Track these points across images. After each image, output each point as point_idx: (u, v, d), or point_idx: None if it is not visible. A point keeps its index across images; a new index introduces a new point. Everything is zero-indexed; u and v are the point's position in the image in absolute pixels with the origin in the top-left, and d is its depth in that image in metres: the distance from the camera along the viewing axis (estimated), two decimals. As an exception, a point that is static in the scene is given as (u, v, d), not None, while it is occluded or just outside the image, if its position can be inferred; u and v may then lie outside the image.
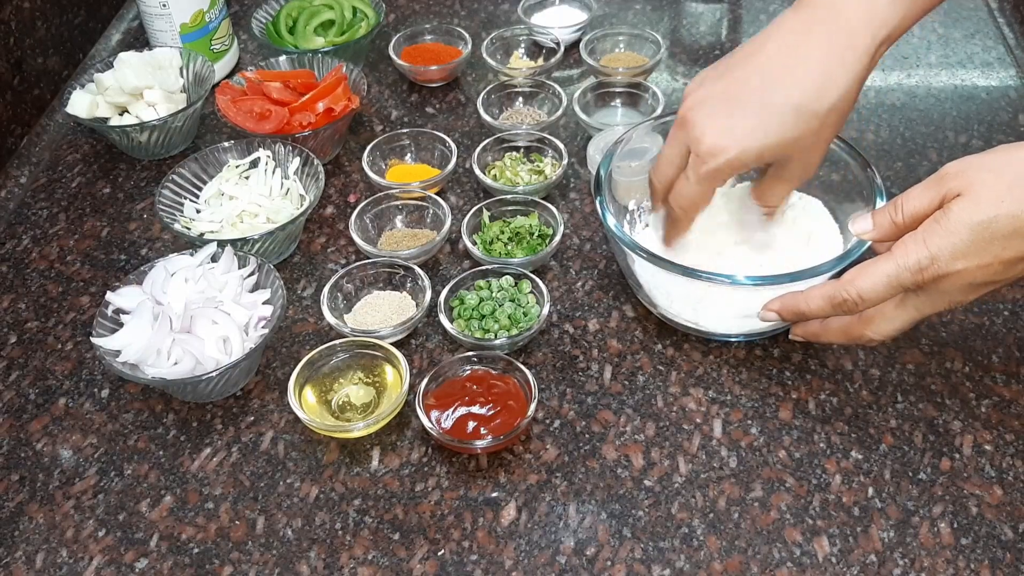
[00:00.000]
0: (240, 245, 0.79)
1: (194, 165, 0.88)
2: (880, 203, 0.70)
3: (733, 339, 0.75)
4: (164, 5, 0.99)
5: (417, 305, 0.78)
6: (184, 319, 0.71)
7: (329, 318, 0.76)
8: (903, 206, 0.60)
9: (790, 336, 0.70)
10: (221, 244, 0.77)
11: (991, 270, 0.57)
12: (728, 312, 0.71)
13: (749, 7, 1.16)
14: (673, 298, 0.73)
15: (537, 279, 0.77)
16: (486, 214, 0.85)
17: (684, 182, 0.67)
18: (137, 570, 0.64)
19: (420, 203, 0.86)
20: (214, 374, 0.68)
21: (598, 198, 0.74)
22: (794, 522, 0.64)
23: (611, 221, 0.72)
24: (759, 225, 0.75)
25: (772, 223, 0.75)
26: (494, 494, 0.66)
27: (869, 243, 0.66)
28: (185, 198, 0.86)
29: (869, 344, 0.66)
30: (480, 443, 0.66)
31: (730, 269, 0.68)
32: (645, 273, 0.73)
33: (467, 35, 1.06)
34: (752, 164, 0.65)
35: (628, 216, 0.81)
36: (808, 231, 0.76)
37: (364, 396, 0.72)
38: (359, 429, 0.69)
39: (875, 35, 0.62)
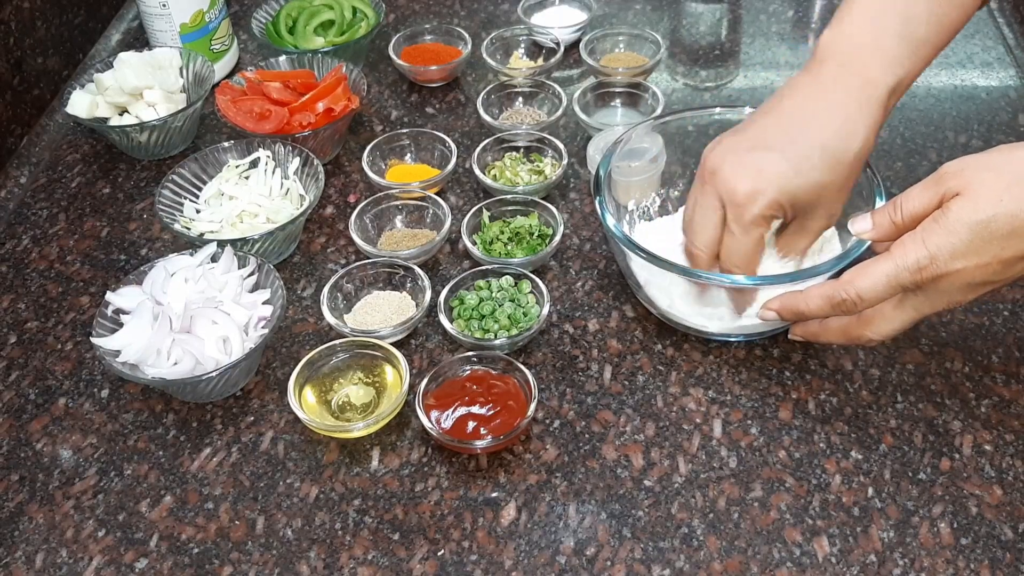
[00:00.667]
0: (240, 245, 0.79)
1: (194, 165, 0.88)
2: (880, 203, 0.70)
3: (733, 339, 0.75)
4: (164, 5, 0.99)
5: (417, 305, 0.78)
6: (184, 319, 0.71)
7: (329, 318, 0.76)
8: (902, 206, 0.60)
9: (789, 336, 0.70)
10: (221, 244, 0.77)
11: (990, 269, 0.57)
12: (728, 312, 0.71)
13: (749, 7, 1.16)
14: (673, 298, 0.73)
15: (537, 279, 0.77)
16: (486, 214, 0.85)
17: (731, 239, 0.67)
18: (137, 570, 0.64)
19: (420, 203, 0.86)
20: (214, 374, 0.68)
21: (597, 198, 0.74)
22: (794, 522, 0.64)
23: (610, 221, 0.72)
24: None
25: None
26: (494, 494, 0.66)
27: (868, 243, 0.66)
28: (185, 198, 0.86)
29: (868, 344, 0.66)
30: (480, 443, 0.66)
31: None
32: (644, 273, 0.73)
33: (467, 35, 1.06)
34: (786, 206, 0.65)
35: (628, 216, 0.81)
36: None
37: (364, 396, 0.72)
38: (359, 429, 0.69)
39: (889, 84, 0.64)
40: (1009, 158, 0.57)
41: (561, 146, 0.90)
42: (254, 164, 0.88)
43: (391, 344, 0.73)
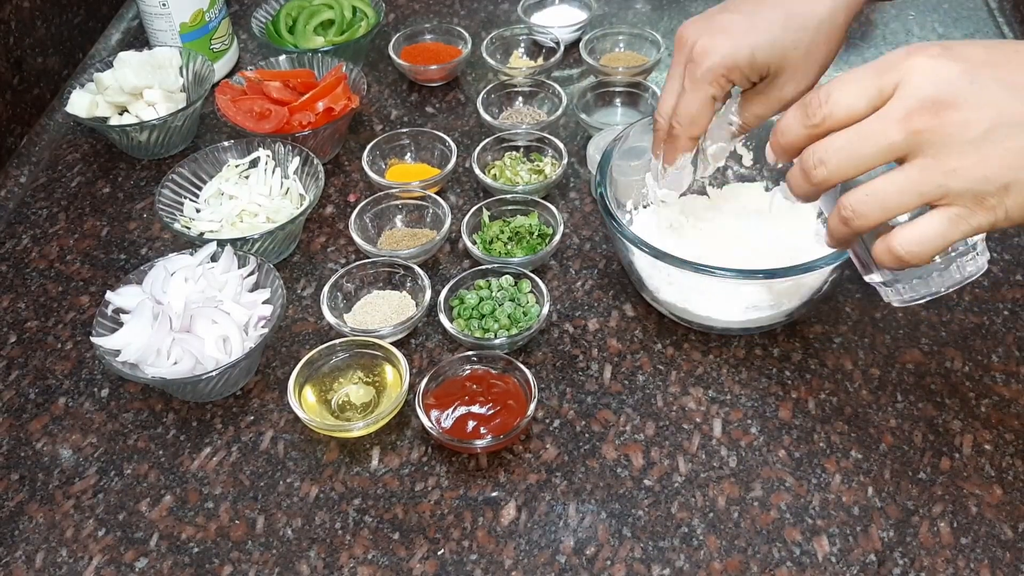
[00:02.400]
0: (240, 245, 0.79)
1: (194, 165, 0.88)
2: None
3: (734, 331, 0.74)
4: (164, 4, 0.99)
5: (417, 305, 0.78)
6: (184, 319, 0.71)
7: (329, 318, 0.76)
8: (830, 110, 0.51)
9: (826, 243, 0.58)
10: (221, 244, 0.77)
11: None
12: (729, 303, 0.71)
13: (749, 7, 1.15)
14: (674, 290, 0.72)
15: (537, 279, 0.77)
16: (486, 214, 0.85)
17: (682, 96, 0.66)
18: (137, 570, 0.64)
19: (420, 203, 0.86)
20: (214, 374, 0.68)
21: (599, 191, 0.73)
22: (794, 522, 0.64)
23: (613, 214, 0.71)
24: (760, 222, 0.75)
25: (772, 218, 0.75)
26: (494, 494, 0.66)
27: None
28: (185, 198, 0.86)
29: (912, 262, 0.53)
30: (480, 443, 0.66)
31: (730, 261, 0.68)
32: (647, 267, 0.72)
33: (467, 35, 1.06)
34: (744, 65, 0.64)
35: (627, 216, 0.81)
36: (812, 226, 0.76)
37: (364, 396, 0.72)
38: (359, 429, 0.69)
39: None
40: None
41: (561, 146, 0.90)
42: (254, 164, 0.88)
43: (391, 343, 0.73)
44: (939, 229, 0.49)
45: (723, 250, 0.74)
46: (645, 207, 0.81)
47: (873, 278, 0.57)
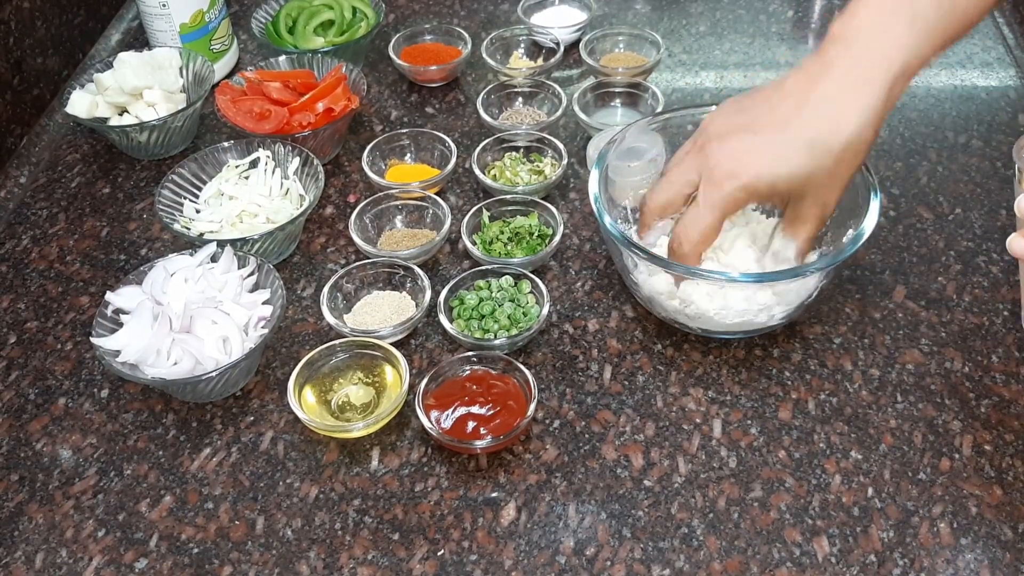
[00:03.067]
0: (240, 245, 0.79)
1: (194, 165, 0.88)
2: (875, 202, 0.70)
3: (732, 336, 0.74)
4: (164, 5, 0.99)
5: (417, 305, 0.78)
6: (184, 319, 0.71)
7: (329, 318, 0.76)
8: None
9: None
10: (221, 244, 0.77)
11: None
12: (727, 309, 0.71)
13: (749, 7, 1.16)
14: (669, 297, 0.72)
15: (537, 279, 0.77)
16: (486, 214, 0.85)
17: (695, 211, 0.66)
18: (137, 570, 0.64)
19: (420, 203, 0.86)
20: (214, 374, 0.68)
21: (593, 194, 0.73)
22: (794, 522, 0.64)
23: (607, 220, 0.71)
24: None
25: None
26: (494, 494, 0.66)
27: (862, 241, 0.66)
28: (185, 198, 0.86)
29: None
30: (480, 443, 0.66)
31: (727, 267, 0.68)
32: (644, 273, 0.73)
33: (467, 35, 1.06)
34: (764, 193, 0.65)
35: (626, 216, 0.81)
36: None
37: (364, 396, 0.72)
38: (359, 429, 0.69)
39: (891, 68, 0.62)
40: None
41: (561, 146, 0.90)
42: (254, 164, 0.88)
43: (391, 344, 0.73)
44: None
45: (721, 255, 0.74)
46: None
47: None
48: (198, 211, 0.85)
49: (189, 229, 0.83)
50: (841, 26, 0.64)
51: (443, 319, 0.75)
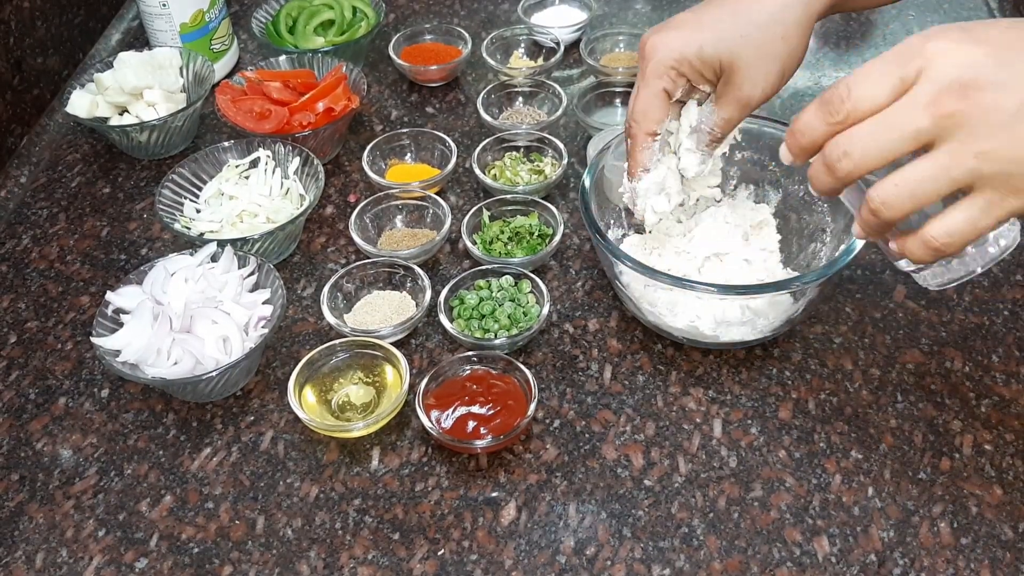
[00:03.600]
0: (240, 245, 0.79)
1: (194, 165, 0.88)
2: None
3: (725, 347, 0.74)
4: (164, 5, 0.99)
5: (417, 305, 0.78)
6: (184, 319, 0.71)
7: (329, 318, 0.76)
8: (856, 100, 0.49)
9: (854, 236, 0.61)
10: (221, 244, 0.77)
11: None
12: (717, 320, 0.71)
13: (749, 7, 1.15)
14: (661, 307, 0.72)
15: (537, 279, 0.77)
16: (486, 214, 0.85)
17: (634, 94, 0.68)
18: (137, 570, 0.64)
19: (420, 203, 0.86)
20: (214, 374, 0.68)
21: (582, 205, 0.73)
22: (794, 522, 0.64)
23: (599, 232, 0.71)
24: (743, 239, 0.75)
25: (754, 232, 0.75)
26: (494, 494, 0.66)
27: (855, 252, 0.65)
28: (185, 198, 0.86)
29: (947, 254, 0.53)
30: (480, 443, 0.66)
31: (712, 278, 0.69)
32: (635, 283, 0.72)
33: (467, 35, 1.06)
34: (693, 58, 0.65)
35: (620, 218, 0.81)
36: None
37: (364, 396, 0.72)
38: (359, 429, 0.69)
39: None
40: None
41: (561, 146, 0.90)
42: (254, 164, 0.88)
43: (391, 344, 0.73)
44: (972, 218, 0.48)
45: (707, 268, 0.74)
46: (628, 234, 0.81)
47: (905, 265, 0.55)
48: (198, 211, 0.85)
49: (189, 229, 0.83)
50: None
51: (443, 319, 0.75)
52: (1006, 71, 0.46)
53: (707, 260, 0.74)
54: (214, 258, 0.77)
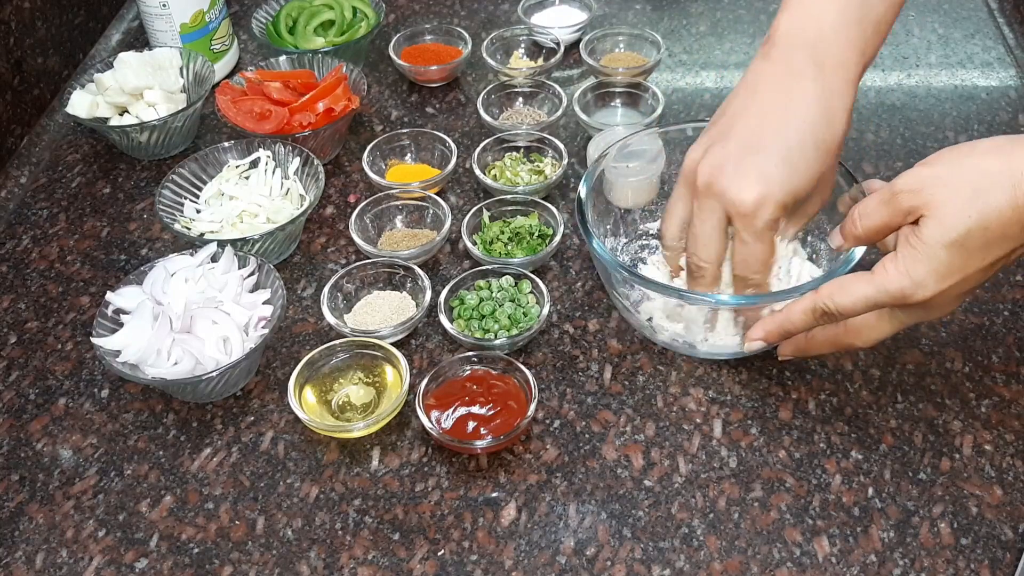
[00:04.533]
0: (240, 245, 0.79)
1: (194, 165, 0.88)
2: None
3: (722, 358, 0.74)
4: (164, 5, 0.99)
5: (417, 305, 0.78)
6: (184, 319, 0.71)
7: (329, 318, 0.76)
8: (860, 223, 0.61)
9: (779, 357, 0.70)
10: (221, 244, 0.77)
11: (973, 279, 0.57)
12: (722, 333, 0.71)
13: (749, 7, 1.16)
14: (661, 318, 0.72)
15: (537, 279, 0.77)
16: (486, 214, 0.85)
17: (745, 248, 0.65)
18: (137, 570, 0.64)
19: (420, 203, 0.86)
20: (214, 374, 0.68)
21: (578, 216, 0.72)
22: (794, 522, 0.64)
23: (596, 244, 0.70)
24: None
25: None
26: (494, 494, 0.66)
27: (853, 263, 0.66)
28: (185, 198, 0.86)
29: (859, 350, 0.66)
30: (480, 443, 0.66)
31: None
32: (636, 296, 0.72)
33: (467, 35, 1.06)
34: (792, 205, 0.65)
35: (624, 220, 0.81)
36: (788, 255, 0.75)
37: (364, 396, 0.72)
38: (359, 429, 0.69)
39: (856, 65, 0.65)
40: (959, 169, 0.56)
41: (561, 146, 0.90)
42: (254, 164, 0.88)
43: (391, 344, 0.73)
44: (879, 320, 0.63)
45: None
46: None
47: None
48: (198, 211, 0.85)
49: (189, 229, 0.83)
50: (790, 28, 0.65)
51: (443, 319, 0.75)
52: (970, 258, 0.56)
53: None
54: (214, 258, 0.77)
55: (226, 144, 0.89)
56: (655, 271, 0.77)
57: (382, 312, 0.78)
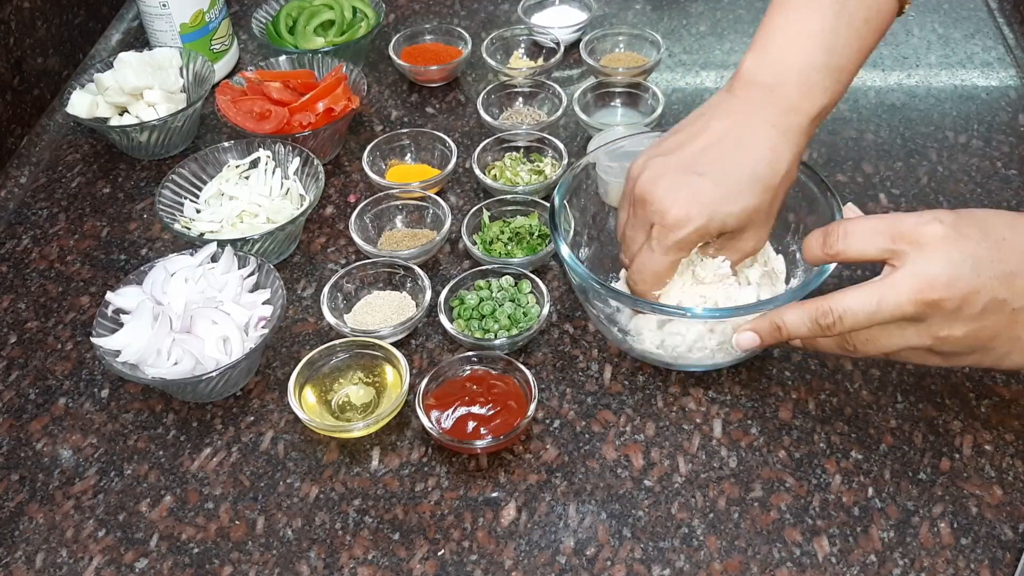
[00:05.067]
0: (240, 245, 0.79)
1: (194, 165, 0.88)
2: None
3: (699, 370, 0.73)
4: (164, 5, 0.99)
5: (417, 305, 0.78)
6: (184, 319, 0.71)
7: (329, 318, 0.76)
8: (841, 249, 0.60)
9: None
10: (221, 244, 0.77)
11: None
12: (697, 345, 0.70)
13: (749, 7, 1.16)
14: (641, 333, 0.72)
15: (537, 279, 0.77)
16: (486, 214, 0.85)
17: (648, 255, 0.66)
18: (137, 570, 0.64)
19: (420, 203, 0.86)
20: (214, 374, 0.68)
21: (550, 224, 0.72)
22: (794, 522, 0.64)
23: (564, 251, 0.69)
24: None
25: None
26: (494, 494, 0.66)
27: (827, 274, 0.65)
28: (185, 198, 0.86)
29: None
30: (480, 443, 0.66)
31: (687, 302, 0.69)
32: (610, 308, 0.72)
33: (467, 35, 1.06)
34: (714, 232, 0.65)
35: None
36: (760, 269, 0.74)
37: (364, 396, 0.72)
38: (359, 429, 0.69)
39: (810, 113, 0.66)
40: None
41: (561, 146, 0.90)
42: (254, 164, 0.88)
43: (391, 344, 0.73)
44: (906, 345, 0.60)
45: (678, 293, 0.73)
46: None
47: None
48: (198, 211, 0.86)
49: (189, 229, 0.83)
50: (754, 66, 0.67)
51: (443, 319, 0.75)
52: (979, 279, 0.55)
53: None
54: (214, 258, 0.77)
55: (226, 144, 0.89)
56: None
57: (382, 312, 0.78)
